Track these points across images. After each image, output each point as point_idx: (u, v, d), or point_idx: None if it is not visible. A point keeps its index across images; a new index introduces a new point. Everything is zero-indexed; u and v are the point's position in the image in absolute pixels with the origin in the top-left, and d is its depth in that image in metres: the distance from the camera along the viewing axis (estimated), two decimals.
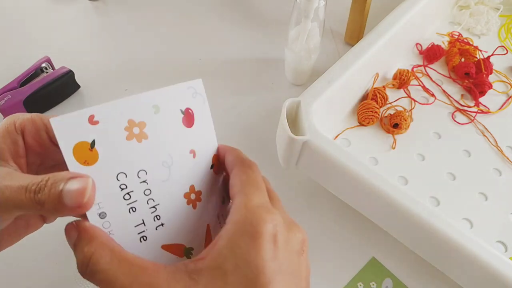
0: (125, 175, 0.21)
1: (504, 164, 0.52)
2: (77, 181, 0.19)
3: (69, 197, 0.19)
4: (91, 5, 0.71)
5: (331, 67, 0.49)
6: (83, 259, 0.19)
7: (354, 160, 0.40)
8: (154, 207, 0.22)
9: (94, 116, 0.21)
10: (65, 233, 0.21)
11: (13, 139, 0.23)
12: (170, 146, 0.22)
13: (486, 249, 0.36)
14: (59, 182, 0.19)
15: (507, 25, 0.70)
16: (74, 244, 0.20)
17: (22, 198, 0.19)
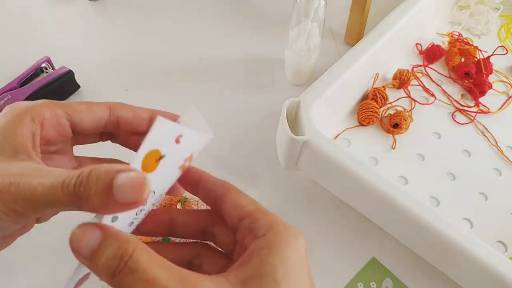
0: (153, 193, 0.22)
1: (504, 164, 0.52)
2: (129, 175, 0.17)
3: (123, 192, 0.17)
4: (91, 5, 0.71)
5: (331, 67, 0.49)
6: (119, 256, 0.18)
7: (354, 160, 0.40)
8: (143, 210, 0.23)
9: (181, 136, 0.21)
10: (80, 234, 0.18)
11: (32, 130, 0.22)
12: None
13: (486, 249, 0.36)
14: (107, 175, 0.17)
15: (507, 25, 0.70)
16: (100, 244, 0.18)
17: (58, 194, 0.18)
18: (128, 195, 0.17)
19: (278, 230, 0.21)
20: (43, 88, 0.54)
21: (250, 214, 0.22)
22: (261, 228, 0.21)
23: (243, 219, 0.22)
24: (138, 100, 0.58)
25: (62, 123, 0.23)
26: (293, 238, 0.21)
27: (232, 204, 0.23)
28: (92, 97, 0.58)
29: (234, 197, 0.23)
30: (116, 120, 0.25)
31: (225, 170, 0.51)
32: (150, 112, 0.26)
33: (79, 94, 0.58)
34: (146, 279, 0.17)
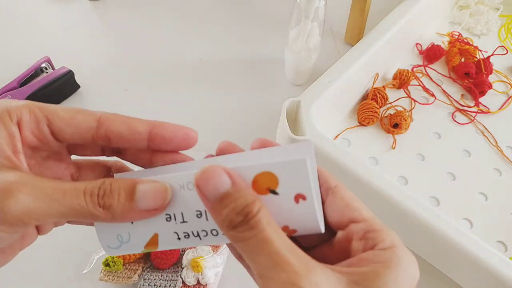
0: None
1: (504, 164, 0.52)
2: (151, 183, 0.19)
3: (145, 199, 0.19)
4: (91, 5, 0.71)
5: (331, 67, 0.49)
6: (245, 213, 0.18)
7: (354, 160, 0.40)
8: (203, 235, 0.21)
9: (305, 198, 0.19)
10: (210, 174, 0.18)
11: (10, 132, 0.20)
12: None
13: (486, 249, 0.36)
14: (129, 183, 0.19)
15: (507, 25, 0.70)
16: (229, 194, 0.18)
17: (81, 203, 0.19)
18: (150, 202, 0.19)
19: (398, 252, 0.19)
20: (43, 88, 0.54)
21: (366, 221, 0.21)
22: (381, 242, 0.20)
23: (356, 223, 0.21)
24: (138, 100, 0.58)
25: (42, 128, 0.21)
26: (411, 265, 0.19)
27: (345, 201, 0.21)
28: (92, 97, 0.58)
29: (346, 195, 0.21)
30: (105, 134, 0.21)
31: None
32: (149, 125, 0.22)
33: (79, 94, 0.58)
34: (262, 239, 0.17)
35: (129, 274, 0.41)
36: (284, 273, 0.17)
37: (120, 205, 0.19)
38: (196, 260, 0.41)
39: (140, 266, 0.41)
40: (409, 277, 0.19)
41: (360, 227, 0.20)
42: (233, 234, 0.18)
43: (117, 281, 0.40)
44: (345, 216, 0.21)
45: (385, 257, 0.19)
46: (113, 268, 0.40)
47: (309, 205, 0.19)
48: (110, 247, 0.22)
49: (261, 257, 0.17)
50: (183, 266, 0.41)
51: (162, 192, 0.20)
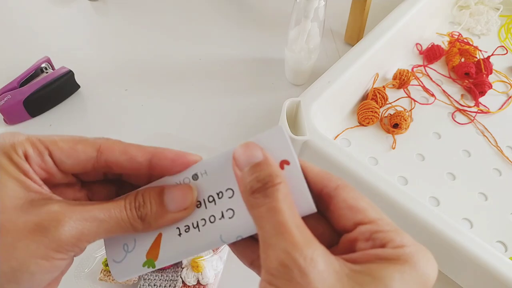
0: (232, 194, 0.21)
1: (504, 164, 0.52)
2: (176, 186, 0.22)
3: (173, 201, 0.21)
4: (91, 5, 0.71)
5: (331, 67, 0.49)
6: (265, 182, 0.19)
7: (354, 160, 0.40)
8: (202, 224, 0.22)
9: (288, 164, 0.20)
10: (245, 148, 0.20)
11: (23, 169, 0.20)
12: None
13: (486, 249, 0.36)
14: (157, 190, 0.21)
15: (507, 25, 0.70)
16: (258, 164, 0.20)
17: (124, 218, 0.21)
18: (179, 203, 0.21)
19: (408, 250, 0.19)
20: (43, 88, 0.54)
21: (374, 222, 0.20)
22: (390, 242, 0.19)
23: (363, 225, 0.20)
24: (138, 100, 0.58)
25: (46, 160, 0.21)
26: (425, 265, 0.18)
27: (349, 204, 0.20)
28: (92, 97, 0.58)
29: (350, 196, 0.21)
30: (105, 163, 0.22)
31: None
32: (148, 154, 0.22)
33: (79, 94, 0.58)
34: (273, 207, 0.19)
35: None
36: (284, 242, 0.18)
37: (153, 213, 0.21)
38: (196, 260, 0.41)
39: None
40: (420, 276, 0.18)
41: (367, 228, 0.20)
42: (250, 200, 0.19)
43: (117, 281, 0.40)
44: (350, 220, 0.20)
45: (394, 254, 0.18)
46: None
47: (294, 170, 0.20)
48: (115, 261, 0.23)
49: (268, 224, 0.18)
50: (183, 266, 0.41)
51: (188, 191, 0.22)
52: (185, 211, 0.21)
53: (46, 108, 0.56)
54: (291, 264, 0.17)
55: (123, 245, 0.23)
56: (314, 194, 0.21)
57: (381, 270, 0.18)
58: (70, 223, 0.19)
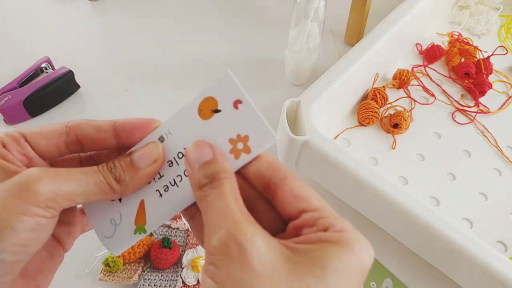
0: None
1: (504, 164, 0.52)
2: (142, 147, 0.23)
3: (139, 157, 0.22)
4: (91, 5, 0.71)
5: (331, 67, 0.49)
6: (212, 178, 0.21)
7: (354, 160, 0.40)
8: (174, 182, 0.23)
9: (241, 102, 0.22)
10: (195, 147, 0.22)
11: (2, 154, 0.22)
12: None
13: (486, 249, 0.36)
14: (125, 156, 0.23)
15: (507, 25, 0.70)
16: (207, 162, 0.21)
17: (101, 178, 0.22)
18: (146, 158, 0.22)
19: (348, 235, 0.19)
20: (43, 88, 0.54)
21: (317, 210, 0.21)
22: (332, 226, 0.20)
23: (307, 212, 0.21)
24: (138, 100, 0.58)
25: (23, 145, 0.22)
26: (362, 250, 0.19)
27: (294, 192, 0.22)
28: (92, 97, 0.58)
29: (296, 185, 0.22)
30: (76, 138, 0.23)
31: None
32: (111, 122, 0.24)
33: (79, 94, 0.58)
34: (218, 194, 0.20)
35: (129, 274, 0.41)
36: (226, 223, 0.19)
37: (126, 173, 0.22)
38: (196, 260, 0.41)
39: (140, 266, 0.41)
40: (357, 259, 0.19)
41: (310, 215, 0.21)
42: (199, 194, 0.21)
43: (117, 281, 0.40)
44: (295, 207, 0.21)
45: (334, 237, 0.19)
46: (113, 268, 0.40)
47: (247, 106, 0.22)
48: (106, 237, 0.24)
49: (213, 209, 0.20)
50: (183, 266, 0.41)
51: (152, 146, 0.23)
52: (155, 164, 0.23)
53: (46, 108, 0.56)
54: (230, 241, 0.18)
55: (110, 220, 0.24)
56: (263, 183, 0.22)
57: (320, 251, 0.18)
58: (48, 179, 0.20)
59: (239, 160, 0.22)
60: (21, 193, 0.19)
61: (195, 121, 0.22)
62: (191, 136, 0.22)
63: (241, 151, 0.22)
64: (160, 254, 0.41)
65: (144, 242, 0.42)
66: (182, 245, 0.43)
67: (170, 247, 0.41)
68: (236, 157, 0.22)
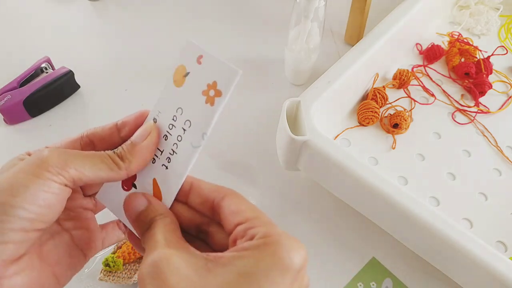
0: (181, 112, 0.25)
1: (504, 164, 0.52)
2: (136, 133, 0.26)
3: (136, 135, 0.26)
4: (91, 5, 0.71)
5: (331, 67, 0.49)
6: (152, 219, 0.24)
7: (354, 160, 0.40)
8: (173, 151, 0.25)
9: (202, 57, 0.24)
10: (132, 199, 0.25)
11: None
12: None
13: (486, 249, 0.36)
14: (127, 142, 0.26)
15: (507, 25, 0.70)
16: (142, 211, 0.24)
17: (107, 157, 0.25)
18: (141, 133, 0.26)
19: (269, 240, 0.20)
20: (43, 88, 0.54)
21: (248, 220, 0.22)
22: (256, 234, 0.21)
23: (240, 224, 0.22)
24: (138, 100, 0.58)
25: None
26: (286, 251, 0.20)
27: (231, 209, 0.23)
28: (92, 97, 0.58)
29: (233, 202, 0.23)
30: (88, 140, 0.27)
31: (225, 171, 0.51)
32: (114, 123, 0.28)
33: (79, 94, 0.58)
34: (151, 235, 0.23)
35: (129, 274, 0.41)
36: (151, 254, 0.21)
37: (128, 151, 0.25)
38: None
39: (140, 266, 0.41)
40: (278, 260, 0.20)
41: (242, 227, 0.22)
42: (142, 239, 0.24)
43: (117, 281, 0.40)
44: (231, 223, 0.23)
45: (255, 244, 0.20)
46: (113, 268, 0.40)
47: (208, 57, 0.24)
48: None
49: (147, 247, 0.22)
50: None
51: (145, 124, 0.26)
52: (150, 137, 0.26)
53: (46, 108, 0.56)
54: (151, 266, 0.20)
55: None
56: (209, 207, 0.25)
57: (240, 259, 0.20)
58: (57, 151, 0.23)
59: (215, 106, 0.24)
60: (35, 162, 0.22)
61: (174, 91, 0.25)
62: (174, 106, 0.25)
63: (214, 97, 0.24)
64: None
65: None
66: None
67: None
68: (211, 104, 0.24)
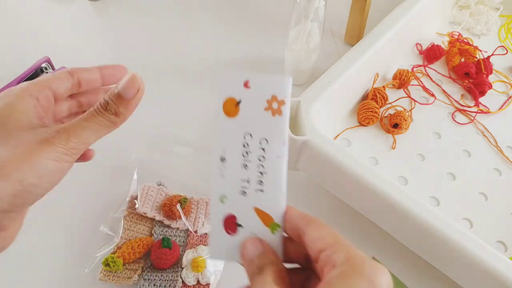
0: (251, 136, 0.25)
1: (504, 164, 0.52)
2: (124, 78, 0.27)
3: (125, 90, 0.27)
4: (91, 5, 0.71)
5: (331, 67, 0.49)
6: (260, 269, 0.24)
7: (354, 160, 0.40)
8: (261, 173, 0.26)
9: (248, 81, 0.25)
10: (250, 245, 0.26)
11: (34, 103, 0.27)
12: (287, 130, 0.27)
13: (486, 249, 0.36)
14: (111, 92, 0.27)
15: (507, 25, 0.70)
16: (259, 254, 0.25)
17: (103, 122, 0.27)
18: (130, 89, 0.27)
19: (354, 261, 0.21)
20: None
21: (329, 246, 0.23)
22: (337, 259, 0.22)
23: (323, 251, 0.23)
24: None
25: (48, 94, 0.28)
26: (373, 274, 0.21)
27: (313, 236, 0.24)
28: None
29: (315, 229, 0.24)
30: (78, 82, 0.30)
31: None
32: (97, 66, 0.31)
33: None
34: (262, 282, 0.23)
35: (129, 274, 0.41)
36: None
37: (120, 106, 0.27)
38: (196, 260, 0.41)
39: (140, 266, 0.41)
40: (367, 283, 0.20)
41: (325, 254, 0.23)
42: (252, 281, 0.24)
43: (117, 281, 0.40)
44: (316, 249, 0.24)
45: (339, 270, 0.21)
46: (113, 268, 0.40)
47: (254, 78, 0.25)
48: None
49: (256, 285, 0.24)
50: (183, 266, 0.41)
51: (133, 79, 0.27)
52: (139, 92, 0.28)
53: None
54: None
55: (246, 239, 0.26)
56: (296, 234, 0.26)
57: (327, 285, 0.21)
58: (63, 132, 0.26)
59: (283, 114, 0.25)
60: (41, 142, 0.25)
61: (231, 123, 0.25)
62: (238, 135, 0.25)
63: (279, 108, 0.25)
64: (160, 254, 0.41)
65: (144, 242, 0.42)
66: (182, 245, 0.43)
67: (170, 247, 0.41)
68: (279, 114, 0.25)
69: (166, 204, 0.45)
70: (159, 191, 0.46)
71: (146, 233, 0.44)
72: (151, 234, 0.44)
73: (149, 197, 0.46)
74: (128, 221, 0.44)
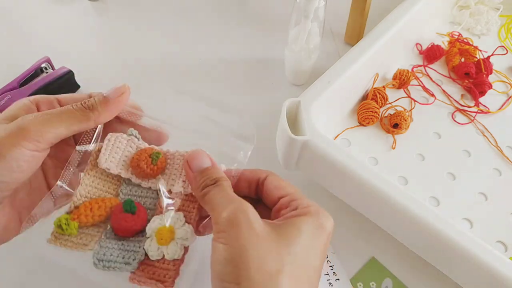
0: None
1: (504, 164, 0.52)
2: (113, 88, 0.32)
3: (110, 92, 0.32)
4: (91, 5, 0.71)
5: (331, 67, 0.49)
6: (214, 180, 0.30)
7: (354, 160, 0.40)
8: None
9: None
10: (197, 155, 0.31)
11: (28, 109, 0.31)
12: None
13: (486, 249, 0.36)
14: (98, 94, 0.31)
15: (507, 25, 0.70)
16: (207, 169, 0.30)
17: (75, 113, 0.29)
18: (115, 91, 0.32)
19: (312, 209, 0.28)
20: (43, 88, 0.54)
21: (290, 194, 0.30)
22: (300, 205, 0.28)
23: (283, 197, 0.29)
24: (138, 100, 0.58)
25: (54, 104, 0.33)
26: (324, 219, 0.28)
27: (274, 185, 0.31)
28: None
29: (274, 180, 0.31)
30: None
31: None
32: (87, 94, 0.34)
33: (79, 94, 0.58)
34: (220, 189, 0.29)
35: (85, 240, 0.33)
36: (232, 203, 0.27)
37: (99, 103, 0.31)
38: (162, 230, 0.32)
39: (100, 231, 0.33)
40: (320, 224, 0.28)
41: (286, 199, 0.30)
42: (203, 191, 0.29)
43: (70, 246, 0.32)
44: (275, 196, 0.30)
45: (303, 211, 0.28)
46: (66, 231, 0.32)
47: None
48: None
49: (218, 198, 0.28)
50: (148, 236, 0.33)
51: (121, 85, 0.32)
52: (123, 96, 0.32)
53: None
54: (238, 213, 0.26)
55: None
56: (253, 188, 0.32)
57: (295, 220, 0.27)
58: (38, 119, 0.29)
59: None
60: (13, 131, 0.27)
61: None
62: None
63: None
64: (121, 219, 0.33)
65: (107, 204, 0.34)
66: (152, 208, 0.35)
67: (134, 212, 0.33)
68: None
69: (134, 159, 0.36)
70: (129, 142, 0.36)
71: (112, 193, 0.35)
72: (117, 194, 0.36)
73: (115, 149, 0.36)
74: (91, 176, 0.35)
